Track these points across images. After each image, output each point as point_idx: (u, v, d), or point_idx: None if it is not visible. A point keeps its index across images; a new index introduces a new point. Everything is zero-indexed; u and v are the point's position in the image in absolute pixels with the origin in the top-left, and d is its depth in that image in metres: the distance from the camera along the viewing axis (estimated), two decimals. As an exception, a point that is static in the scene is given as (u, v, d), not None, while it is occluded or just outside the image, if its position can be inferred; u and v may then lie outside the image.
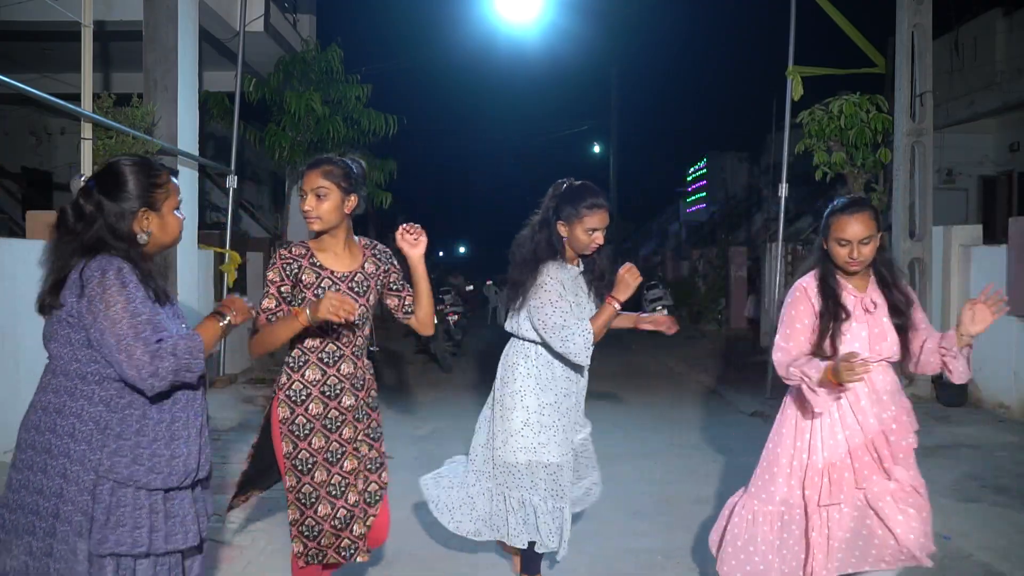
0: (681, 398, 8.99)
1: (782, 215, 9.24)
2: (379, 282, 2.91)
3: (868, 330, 2.84)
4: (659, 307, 16.00)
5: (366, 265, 2.88)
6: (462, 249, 53.77)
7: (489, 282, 23.32)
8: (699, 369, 10.99)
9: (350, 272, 2.83)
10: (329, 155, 2.88)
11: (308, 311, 2.57)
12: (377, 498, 2.93)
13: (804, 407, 2.84)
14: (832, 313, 2.81)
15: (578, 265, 3.38)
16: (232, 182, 9.18)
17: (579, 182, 3.34)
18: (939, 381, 7.45)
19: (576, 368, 3.33)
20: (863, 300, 2.86)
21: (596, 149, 34.21)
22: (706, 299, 16.80)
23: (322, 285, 2.76)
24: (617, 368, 11.26)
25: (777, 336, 2.92)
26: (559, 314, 3.13)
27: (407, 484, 5.25)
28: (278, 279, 2.76)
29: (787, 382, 2.86)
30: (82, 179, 2.38)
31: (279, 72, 10.52)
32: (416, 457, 6.04)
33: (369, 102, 10.84)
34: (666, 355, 12.76)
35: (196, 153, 7.83)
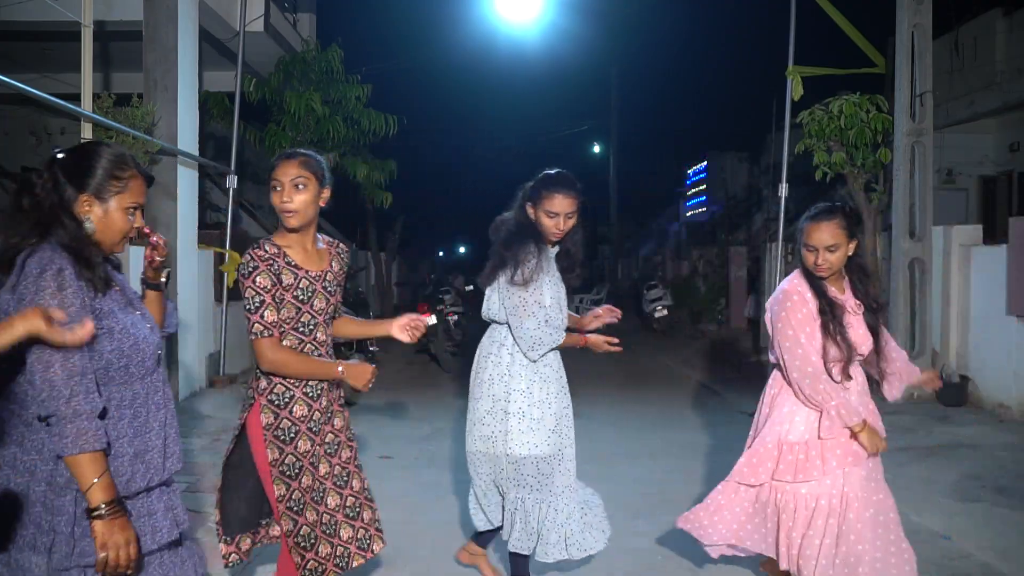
0: (681, 398, 8.99)
1: (782, 215, 9.23)
2: (339, 281, 2.82)
3: (854, 330, 2.94)
4: (659, 307, 16.02)
5: (333, 264, 2.80)
6: (462, 249, 53.71)
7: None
8: (699, 369, 10.99)
9: (321, 272, 2.73)
10: (301, 150, 2.77)
11: (343, 371, 2.61)
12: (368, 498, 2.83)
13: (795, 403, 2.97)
14: (830, 311, 2.89)
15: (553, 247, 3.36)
16: (232, 182, 9.17)
17: (556, 171, 3.33)
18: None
19: (561, 364, 3.32)
20: (846, 303, 2.97)
21: (596, 149, 34.21)
22: (706, 299, 16.81)
23: (300, 286, 2.65)
24: (616, 368, 11.26)
25: (788, 347, 2.89)
26: (543, 296, 3.18)
27: (407, 484, 5.26)
28: (269, 284, 2.60)
29: (810, 398, 2.88)
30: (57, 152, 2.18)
31: (279, 72, 10.52)
32: (416, 457, 6.04)
33: (369, 102, 10.83)
34: (666, 355, 12.76)
35: (196, 153, 7.82)
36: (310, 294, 2.68)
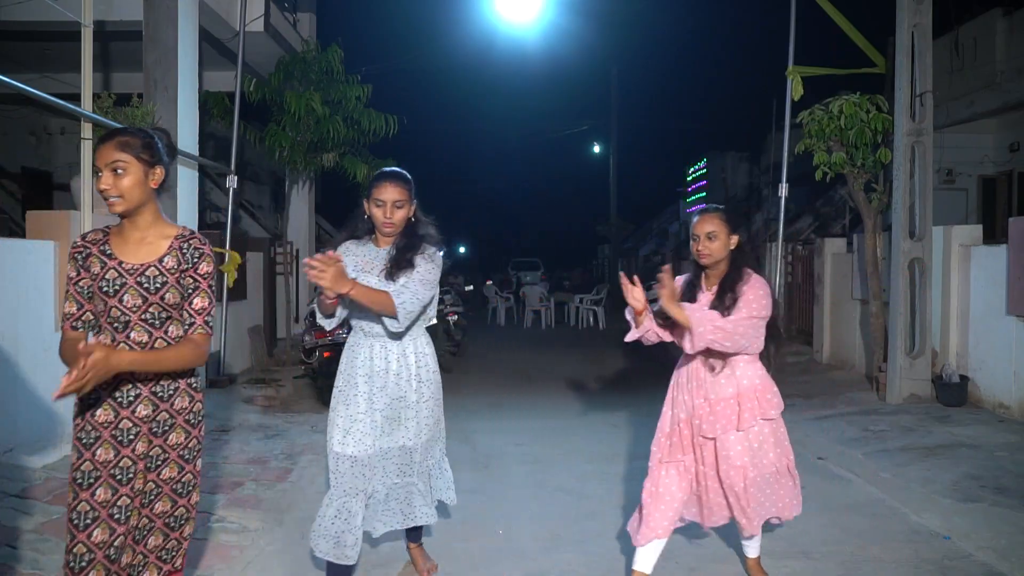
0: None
1: (782, 215, 9.23)
2: (179, 279, 2.47)
3: None
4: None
5: (166, 259, 2.46)
6: (462, 249, 53.79)
7: (489, 282, 23.38)
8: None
9: (142, 265, 2.43)
10: (124, 126, 2.56)
11: (81, 348, 2.16)
12: (181, 522, 2.53)
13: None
14: (686, 296, 3.44)
15: (383, 247, 3.38)
16: (232, 182, 9.18)
17: (390, 168, 3.46)
18: (939, 381, 7.45)
19: (383, 360, 3.33)
20: (701, 298, 3.45)
21: (596, 149, 34.21)
22: (706, 299, 16.78)
23: (107, 277, 2.41)
24: (616, 368, 11.26)
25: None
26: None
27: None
28: (74, 274, 2.45)
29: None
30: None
31: (279, 72, 10.52)
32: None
33: (369, 102, 10.84)
34: (665, 355, 12.74)
35: (196, 153, 7.82)
36: (118, 287, 2.42)
